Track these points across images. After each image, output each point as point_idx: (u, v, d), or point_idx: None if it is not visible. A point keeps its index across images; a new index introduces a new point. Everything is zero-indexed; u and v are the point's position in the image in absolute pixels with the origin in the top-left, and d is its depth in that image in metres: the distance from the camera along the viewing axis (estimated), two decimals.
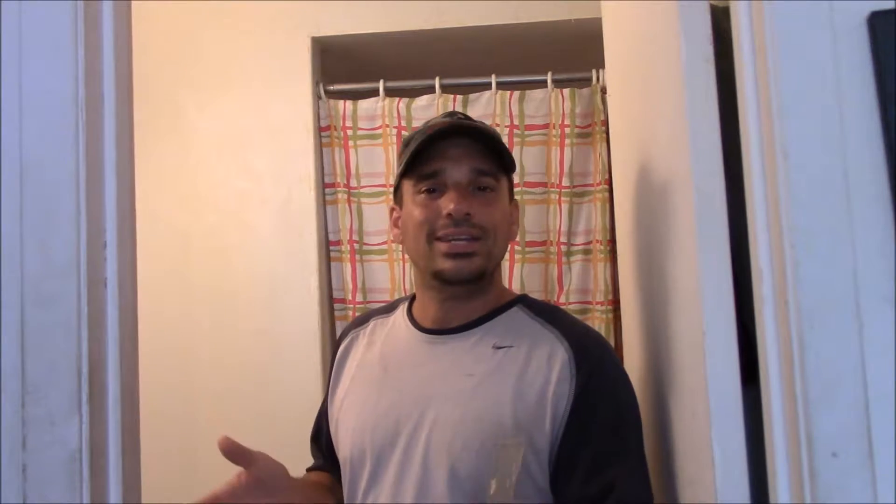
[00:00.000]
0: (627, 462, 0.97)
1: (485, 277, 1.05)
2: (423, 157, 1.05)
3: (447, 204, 1.02)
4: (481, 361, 1.02)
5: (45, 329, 0.70)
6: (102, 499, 0.72)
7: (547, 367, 0.99)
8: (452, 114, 1.12)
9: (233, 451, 0.97)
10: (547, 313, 1.08)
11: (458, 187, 1.03)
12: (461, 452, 0.97)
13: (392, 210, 1.15)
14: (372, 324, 1.18)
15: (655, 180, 1.07)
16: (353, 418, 1.08)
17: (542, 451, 0.97)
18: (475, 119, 1.14)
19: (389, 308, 1.20)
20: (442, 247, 1.02)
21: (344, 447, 1.09)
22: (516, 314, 1.08)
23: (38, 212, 0.71)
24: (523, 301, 1.10)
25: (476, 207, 1.02)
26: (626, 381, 1.04)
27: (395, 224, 1.14)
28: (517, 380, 0.99)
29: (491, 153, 1.05)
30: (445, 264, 1.02)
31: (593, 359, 1.01)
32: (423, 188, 1.05)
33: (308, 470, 1.24)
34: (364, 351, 1.15)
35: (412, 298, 1.16)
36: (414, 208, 1.06)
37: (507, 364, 1.01)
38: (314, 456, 1.25)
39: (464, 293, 1.06)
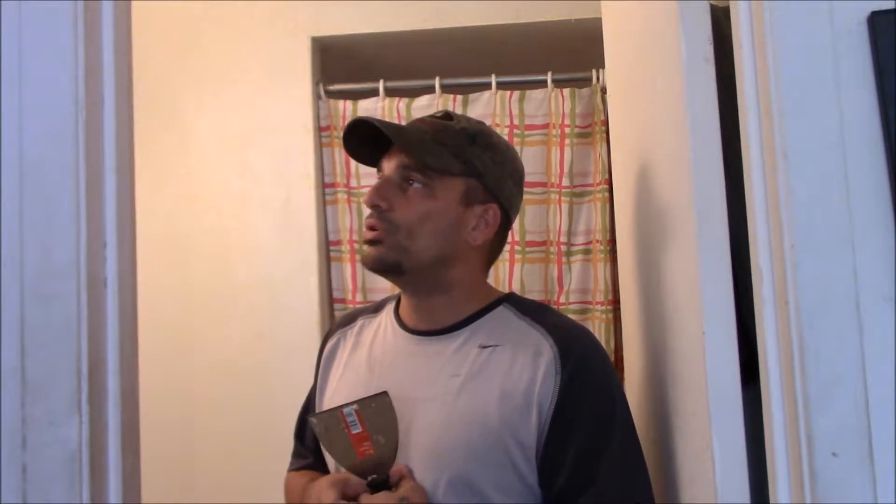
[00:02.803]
0: (610, 458, 0.96)
1: (403, 270, 1.03)
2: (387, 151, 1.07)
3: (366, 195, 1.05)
4: (467, 362, 1.02)
5: (45, 329, 0.70)
6: (102, 499, 0.72)
7: (532, 366, 0.99)
8: (442, 113, 1.12)
9: None
10: (533, 312, 1.07)
11: (383, 180, 1.05)
12: (449, 453, 0.97)
13: None
14: (360, 323, 1.17)
15: (655, 180, 1.07)
16: None
17: (529, 447, 0.96)
18: (474, 118, 1.12)
19: (377, 307, 1.19)
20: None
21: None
22: (503, 313, 1.07)
23: (38, 212, 0.71)
24: (510, 300, 1.10)
25: (395, 201, 1.03)
26: (612, 378, 1.03)
27: None
28: (503, 379, 0.99)
29: (440, 150, 1.04)
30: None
31: (577, 356, 1.00)
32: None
33: (295, 470, 1.21)
34: (351, 351, 1.14)
35: (399, 298, 1.15)
36: None
37: (492, 364, 1.01)
38: (299, 454, 1.22)
39: (414, 291, 1.07)
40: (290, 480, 1.19)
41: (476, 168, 1.05)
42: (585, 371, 0.99)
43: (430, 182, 1.03)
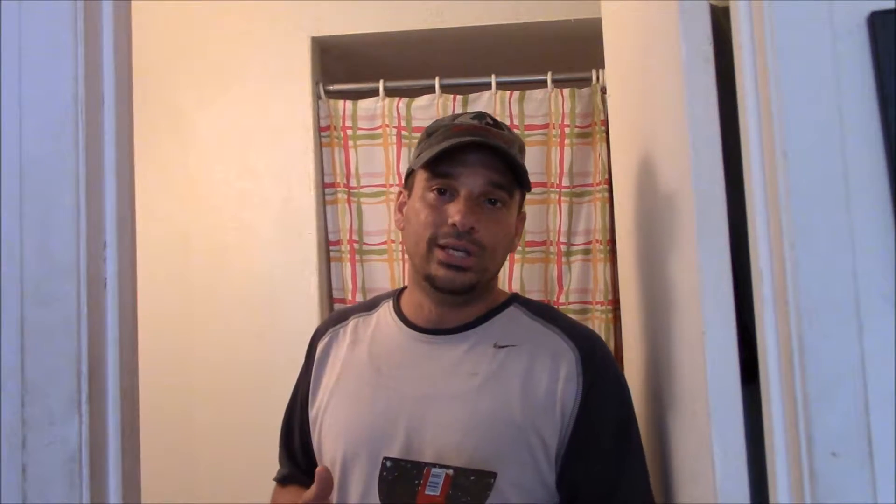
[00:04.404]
0: (632, 461, 1.00)
1: (476, 290, 1.04)
2: (441, 154, 1.02)
3: (454, 213, 0.99)
4: (484, 361, 1.02)
5: (45, 329, 0.70)
6: (102, 499, 0.72)
7: (553, 366, 1.01)
8: (482, 116, 1.07)
9: (323, 482, 0.96)
10: (544, 313, 1.09)
11: (469, 197, 1.01)
12: (474, 452, 0.97)
13: (400, 193, 1.13)
14: (353, 322, 1.15)
15: (655, 180, 1.07)
16: (344, 419, 1.06)
17: (550, 447, 0.98)
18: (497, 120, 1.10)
19: (370, 306, 1.17)
20: (440, 255, 1.01)
21: (333, 448, 1.05)
22: (514, 313, 1.08)
23: (38, 212, 0.71)
24: (517, 300, 1.11)
25: (482, 223, 1.00)
26: (625, 382, 1.06)
27: (399, 209, 1.12)
28: (524, 378, 1.00)
29: (509, 166, 1.03)
30: (439, 272, 1.01)
31: (599, 359, 1.03)
32: (435, 186, 1.03)
33: (278, 481, 1.19)
34: (349, 350, 1.11)
35: (397, 295, 1.15)
36: (422, 206, 1.03)
37: (511, 363, 1.01)
38: (283, 461, 1.19)
39: (458, 300, 1.05)
40: (276, 497, 1.18)
41: (527, 181, 1.06)
42: (606, 375, 1.02)
43: (507, 200, 1.04)
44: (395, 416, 1.01)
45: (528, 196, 2.01)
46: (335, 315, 1.20)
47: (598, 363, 1.02)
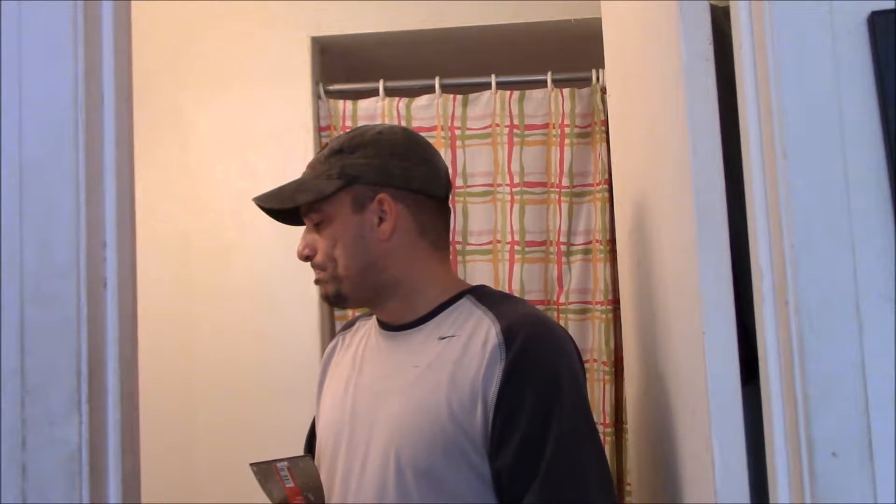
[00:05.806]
0: (555, 451, 0.94)
1: (348, 296, 1.10)
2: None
3: None
4: (426, 353, 1.04)
5: (45, 329, 0.70)
6: (102, 499, 0.72)
7: (481, 353, 0.99)
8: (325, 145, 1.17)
9: None
10: (491, 301, 1.06)
11: (305, 231, 1.14)
12: (402, 442, 0.99)
13: None
14: (356, 326, 1.23)
15: (655, 180, 1.07)
16: (324, 418, 1.15)
17: (476, 437, 0.96)
18: (362, 127, 1.17)
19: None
20: None
21: (318, 447, 1.14)
22: (464, 304, 1.07)
23: (38, 212, 0.71)
24: (473, 292, 1.09)
25: (316, 247, 1.11)
26: (560, 365, 0.99)
27: None
28: (454, 368, 0.99)
29: (312, 182, 1.10)
30: None
31: (520, 342, 0.98)
32: None
33: None
34: (344, 352, 1.20)
35: None
36: None
37: (446, 353, 1.02)
38: None
39: (369, 305, 1.15)
40: None
41: (349, 174, 1.08)
42: (527, 357, 0.97)
43: (324, 212, 1.10)
44: (356, 412, 1.07)
45: (528, 196, 2.05)
46: (348, 322, 1.28)
47: (518, 346, 0.97)
